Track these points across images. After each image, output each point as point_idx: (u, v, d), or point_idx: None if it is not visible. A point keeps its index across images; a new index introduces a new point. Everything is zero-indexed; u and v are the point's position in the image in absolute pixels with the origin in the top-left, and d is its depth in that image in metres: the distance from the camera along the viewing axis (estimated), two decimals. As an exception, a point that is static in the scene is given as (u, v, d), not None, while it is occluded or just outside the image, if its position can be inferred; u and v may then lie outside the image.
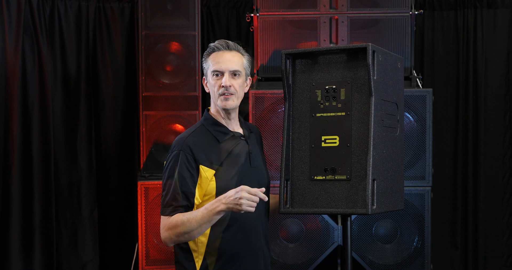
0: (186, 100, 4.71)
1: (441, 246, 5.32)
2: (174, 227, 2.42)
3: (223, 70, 2.56)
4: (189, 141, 2.52)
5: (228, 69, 2.56)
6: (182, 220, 2.41)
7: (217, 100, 2.58)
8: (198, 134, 2.56)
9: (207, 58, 2.61)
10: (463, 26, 5.36)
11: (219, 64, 2.56)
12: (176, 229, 2.42)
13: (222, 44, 2.59)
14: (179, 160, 2.49)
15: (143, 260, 4.65)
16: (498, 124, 5.33)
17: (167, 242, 2.47)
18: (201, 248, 2.51)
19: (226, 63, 2.56)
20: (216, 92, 2.57)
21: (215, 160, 2.50)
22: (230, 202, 2.35)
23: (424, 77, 5.27)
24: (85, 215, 5.15)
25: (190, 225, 2.40)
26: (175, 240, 2.46)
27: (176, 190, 2.47)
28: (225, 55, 2.58)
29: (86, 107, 5.16)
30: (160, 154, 4.71)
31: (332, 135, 2.51)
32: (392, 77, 2.59)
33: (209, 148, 2.52)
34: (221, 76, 2.56)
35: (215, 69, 2.57)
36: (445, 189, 5.34)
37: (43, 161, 5.00)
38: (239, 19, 5.50)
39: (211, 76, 2.58)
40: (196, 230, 2.41)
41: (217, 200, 2.40)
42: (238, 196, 2.33)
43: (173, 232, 2.43)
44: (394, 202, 2.60)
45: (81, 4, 5.16)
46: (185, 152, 2.49)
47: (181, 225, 2.41)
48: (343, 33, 4.40)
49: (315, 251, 4.26)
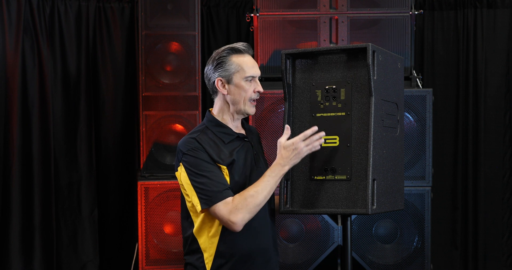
0: (186, 100, 4.71)
1: (441, 246, 5.32)
2: (246, 205, 2.39)
3: (257, 75, 2.55)
4: (198, 140, 2.49)
5: (259, 74, 2.56)
6: (250, 195, 2.40)
7: (245, 105, 2.55)
8: (204, 135, 2.53)
9: (229, 60, 2.53)
10: (463, 26, 5.36)
11: (254, 69, 2.54)
12: (249, 206, 2.39)
13: (247, 47, 2.55)
14: (198, 155, 2.46)
15: (143, 260, 4.65)
16: (498, 124, 5.33)
17: (240, 224, 2.40)
18: (211, 249, 2.50)
19: (256, 68, 2.56)
20: (247, 97, 2.54)
21: (225, 159, 2.50)
22: (292, 160, 2.42)
23: (424, 77, 5.27)
24: (85, 215, 5.16)
25: (261, 195, 2.41)
26: (247, 218, 2.41)
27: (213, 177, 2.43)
28: (252, 59, 2.56)
29: (86, 107, 5.16)
30: (160, 154, 4.71)
31: (332, 135, 2.51)
32: (392, 77, 2.59)
33: (218, 148, 2.51)
34: (252, 81, 2.54)
35: (252, 75, 2.53)
36: (445, 189, 5.34)
37: (43, 161, 5.00)
38: (239, 19, 5.50)
39: (244, 81, 2.53)
40: (266, 198, 2.43)
41: (276, 165, 2.43)
42: (297, 151, 2.41)
43: (246, 210, 2.39)
44: (394, 202, 2.60)
45: (81, 4, 5.16)
46: (200, 149, 2.47)
47: (251, 200, 2.40)
48: (343, 33, 4.40)
49: (315, 251, 4.26)
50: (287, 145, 2.42)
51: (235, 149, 2.53)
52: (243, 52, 2.54)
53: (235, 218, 2.39)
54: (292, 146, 2.41)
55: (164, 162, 4.71)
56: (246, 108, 2.55)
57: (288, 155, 2.42)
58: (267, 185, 2.42)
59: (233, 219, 2.39)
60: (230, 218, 2.39)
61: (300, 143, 2.41)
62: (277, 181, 2.44)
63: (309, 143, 2.42)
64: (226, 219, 2.40)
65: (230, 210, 2.39)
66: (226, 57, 2.53)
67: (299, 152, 2.42)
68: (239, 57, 2.53)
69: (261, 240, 2.55)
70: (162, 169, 4.69)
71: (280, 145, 2.44)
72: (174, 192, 4.63)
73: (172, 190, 4.63)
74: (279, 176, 2.44)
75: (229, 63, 2.52)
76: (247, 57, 2.54)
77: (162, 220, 4.65)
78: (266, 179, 2.43)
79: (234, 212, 2.39)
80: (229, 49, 2.53)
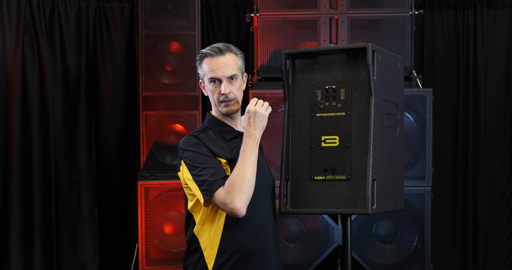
0: (186, 100, 4.71)
1: (441, 246, 5.32)
2: (236, 184, 2.37)
3: (219, 77, 2.55)
4: (199, 137, 2.54)
5: (224, 76, 2.55)
6: (235, 174, 2.39)
7: (219, 107, 2.58)
8: (205, 134, 2.58)
9: (201, 64, 2.60)
10: (463, 26, 5.36)
11: (215, 72, 2.55)
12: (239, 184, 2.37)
13: (214, 50, 2.57)
14: (198, 150, 2.49)
15: (143, 260, 4.65)
16: (498, 124, 5.33)
17: (238, 205, 2.37)
18: (213, 248, 2.50)
19: (221, 69, 2.55)
20: (216, 99, 2.57)
21: (226, 156, 2.51)
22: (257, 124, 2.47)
23: (424, 77, 5.27)
24: (85, 215, 5.16)
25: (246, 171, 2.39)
26: (246, 198, 2.39)
27: (212, 168, 2.44)
28: (219, 61, 2.56)
29: (86, 107, 5.16)
30: (160, 154, 4.71)
31: (332, 135, 2.50)
32: (392, 77, 2.59)
33: (218, 145, 2.54)
34: (219, 83, 2.56)
35: (211, 77, 2.56)
36: (445, 189, 5.34)
37: (43, 161, 5.00)
38: (239, 19, 5.50)
39: (209, 83, 2.58)
40: (253, 173, 2.42)
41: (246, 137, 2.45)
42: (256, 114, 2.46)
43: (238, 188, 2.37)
44: (394, 202, 2.60)
45: (81, 4, 5.16)
46: (199, 144, 2.50)
47: (238, 178, 2.38)
48: (343, 33, 4.40)
49: (315, 251, 4.26)
50: (245, 115, 2.48)
51: (236, 146, 2.54)
52: (210, 55, 2.56)
53: (233, 203, 2.37)
54: (248, 114, 2.46)
55: (164, 162, 4.71)
56: (219, 108, 2.59)
57: (249, 122, 2.46)
58: (247, 160, 2.41)
59: (231, 205, 2.37)
60: (229, 205, 2.38)
61: (251, 107, 2.47)
62: (255, 152, 2.44)
63: (260, 102, 2.48)
64: (224, 204, 2.39)
65: (225, 195, 2.38)
66: (199, 61, 2.62)
67: (256, 115, 2.46)
68: (207, 61, 2.58)
69: (263, 238, 2.55)
70: (162, 169, 4.69)
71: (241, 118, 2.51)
72: (174, 192, 4.63)
73: (172, 190, 4.63)
74: (254, 146, 2.44)
75: (200, 67, 2.61)
76: (214, 60, 2.56)
77: (162, 220, 4.65)
78: (244, 155, 2.43)
79: (229, 198, 2.37)
80: (200, 53, 2.61)
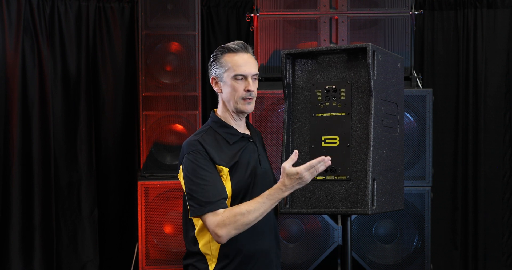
0: (186, 100, 4.71)
1: (441, 246, 5.32)
2: (233, 222, 2.36)
3: (247, 74, 2.50)
4: (202, 142, 2.48)
5: (251, 73, 2.51)
6: (241, 213, 2.36)
7: (237, 104, 2.52)
8: (208, 136, 2.53)
9: (221, 59, 2.53)
10: (463, 26, 5.36)
11: (243, 68, 2.50)
12: (236, 223, 2.36)
13: (239, 45, 2.53)
14: (198, 160, 2.45)
15: (143, 260, 4.65)
16: (498, 124, 5.33)
17: (225, 238, 2.38)
18: (215, 251, 2.49)
19: (248, 66, 2.51)
20: (238, 96, 2.51)
21: (228, 161, 2.49)
22: (294, 187, 2.36)
23: (424, 77, 5.27)
24: (85, 215, 5.16)
25: (252, 216, 2.36)
26: (233, 234, 2.39)
27: (208, 186, 2.41)
28: (245, 57, 2.52)
29: (86, 107, 5.16)
30: (160, 154, 4.71)
31: (332, 135, 2.50)
32: (392, 77, 2.59)
33: (221, 149, 2.50)
34: (244, 79, 2.51)
35: (239, 73, 2.50)
36: (445, 189, 5.34)
37: (43, 161, 5.00)
38: (239, 19, 5.50)
39: (233, 79, 2.51)
40: (258, 219, 2.39)
41: (277, 189, 2.37)
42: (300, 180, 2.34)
43: (233, 226, 2.36)
44: (394, 202, 2.60)
45: (81, 4, 5.16)
46: (201, 153, 2.46)
47: (241, 218, 2.36)
48: (343, 33, 4.40)
49: (315, 251, 4.26)
50: (292, 173, 2.35)
51: (240, 149, 2.52)
52: (235, 51, 2.52)
53: (221, 232, 2.37)
54: (296, 176, 2.34)
55: (164, 162, 4.71)
56: (239, 106, 2.52)
57: (290, 183, 2.36)
58: (261, 206, 2.37)
59: (219, 232, 2.37)
60: (216, 231, 2.37)
61: (304, 172, 2.34)
62: (273, 204, 2.39)
63: (313, 171, 2.36)
64: (212, 230, 2.39)
65: (217, 223, 2.37)
66: (219, 56, 2.54)
67: (302, 181, 2.36)
68: (231, 56, 2.52)
69: (265, 241, 2.54)
70: (162, 169, 4.69)
71: (284, 171, 2.36)
72: (174, 192, 4.63)
73: (172, 190, 4.63)
74: (276, 200, 2.39)
75: (220, 62, 2.53)
76: (239, 55, 2.52)
77: (162, 220, 4.65)
78: (262, 200, 2.38)
79: (220, 226, 2.37)
80: (222, 48, 2.54)
